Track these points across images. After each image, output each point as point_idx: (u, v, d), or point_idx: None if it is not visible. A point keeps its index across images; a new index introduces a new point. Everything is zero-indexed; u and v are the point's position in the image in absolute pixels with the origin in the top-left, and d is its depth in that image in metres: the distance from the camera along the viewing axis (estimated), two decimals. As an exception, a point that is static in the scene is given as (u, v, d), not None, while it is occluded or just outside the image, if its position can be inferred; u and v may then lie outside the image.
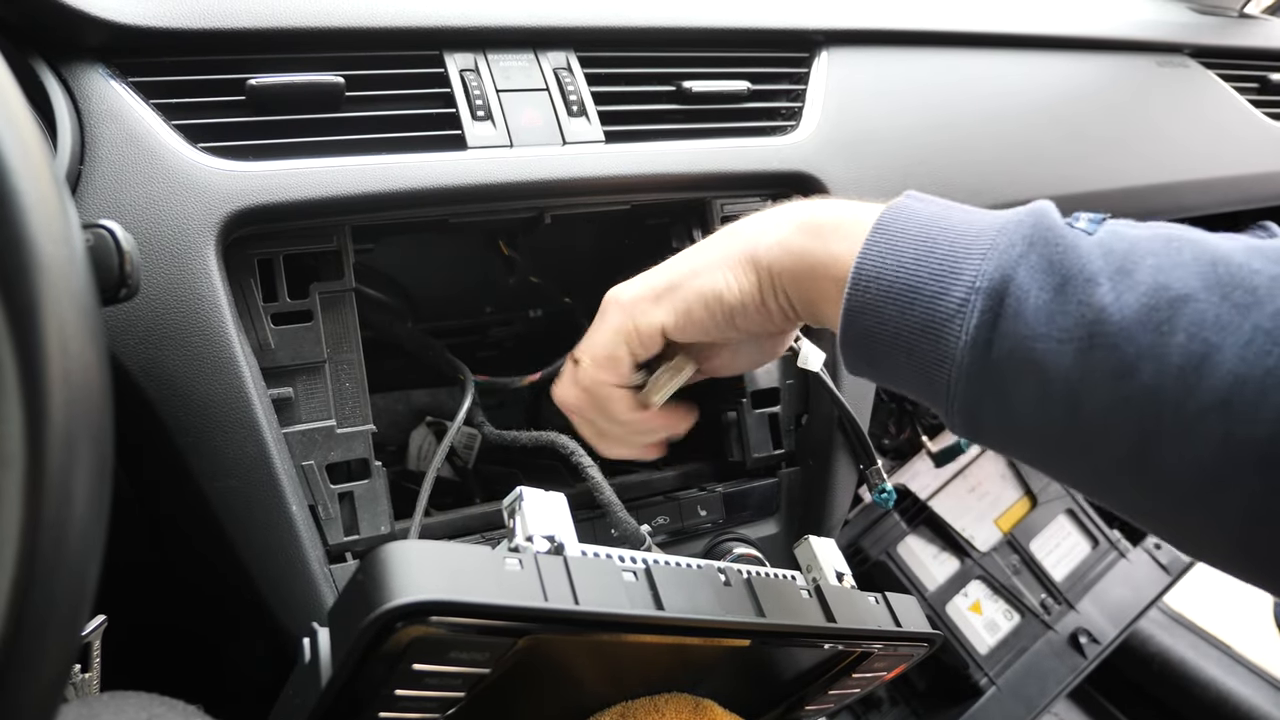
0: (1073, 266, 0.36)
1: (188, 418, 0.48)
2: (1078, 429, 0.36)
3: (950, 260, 0.39)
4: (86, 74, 0.49)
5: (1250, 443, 0.31)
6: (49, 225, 0.25)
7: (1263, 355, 0.31)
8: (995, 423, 0.39)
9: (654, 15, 0.64)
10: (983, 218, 0.40)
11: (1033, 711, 1.02)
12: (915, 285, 0.39)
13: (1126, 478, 0.36)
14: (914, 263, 0.40)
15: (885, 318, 0.40)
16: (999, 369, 0.37)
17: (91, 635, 0.46)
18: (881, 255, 0.41)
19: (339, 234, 0.54)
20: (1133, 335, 0.34)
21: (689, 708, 0.48)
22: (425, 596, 0.31)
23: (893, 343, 0.40)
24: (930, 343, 0.39)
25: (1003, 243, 0.38)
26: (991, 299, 0.37)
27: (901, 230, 0.41)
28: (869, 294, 0.41)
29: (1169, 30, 0.95)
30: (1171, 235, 0.36)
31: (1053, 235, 0.37)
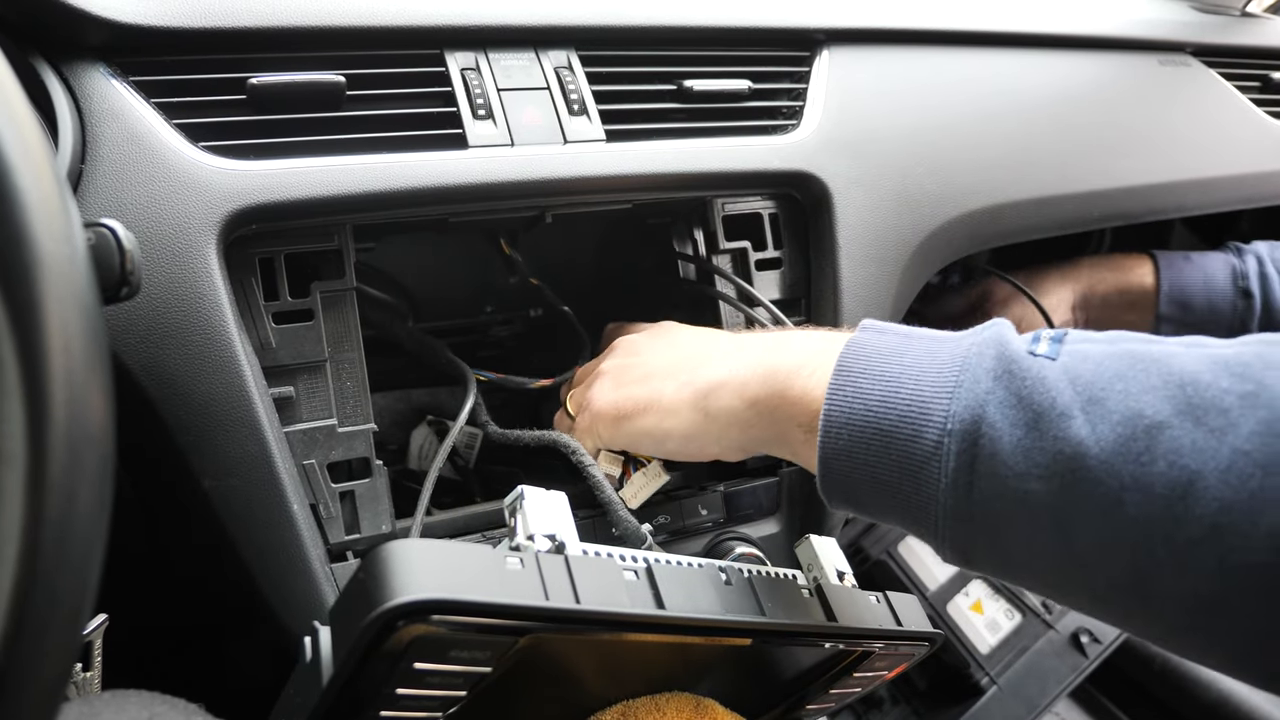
0: (1043, 401, 0.35)
1: (189, 416, 0.48)
2: (1072, 561, 0.36)
3: (918, 401, 0.39)
4: (88, 73, 0.49)
5: (1247, 567, 0.31)
6: (50, 224, 0.25)
7: (1245, 479, 0.31)
8: (990, 558, 0.39)
9: (655, 14, 0.64)
10: (942, 348, 0.40)
11: (1034, 711, 1.02)
12: (886, 429, 0.39)
13: (1126, 603, 0.36)
14: (881, 405, 0.40)
15: (862, 462, 0.40)
16: (985, 509, 0.37)
17: (93, 634, 0.46)
18: (848, 399, 0.41)
19: (340, 233, 0.54)
20: (1114, 468, 0.33)
21: (690, 707, 0.48)
22: (426, 595, 0.31)
23: (873, 485, 0.41)
24: (911, 485, 0.39)
25: (967, 380, 0.38)
26: (965, 441, 0.37)
27: (864, 371, 0.41)
28: (841, 440, 0.41)
29: (1170, 29, 0.95)
30: (1135, 355, 0.36)
31: (1017, 368, 0.37)
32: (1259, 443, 0.31)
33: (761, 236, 0.67)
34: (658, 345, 0.57)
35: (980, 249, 0.79)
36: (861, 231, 0.67)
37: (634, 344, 0.59)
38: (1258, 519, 0.31)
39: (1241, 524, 0.31)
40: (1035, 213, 0.78)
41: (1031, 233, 0.80)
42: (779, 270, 0.67)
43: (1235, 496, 0.31)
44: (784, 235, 0.68)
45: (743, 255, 0.66)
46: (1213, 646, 0.34)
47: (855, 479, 0.41)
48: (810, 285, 0.68)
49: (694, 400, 0.50)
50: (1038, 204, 0.78)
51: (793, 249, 0.68)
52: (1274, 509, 0.30)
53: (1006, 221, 0.76)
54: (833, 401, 0.41)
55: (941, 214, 0.71)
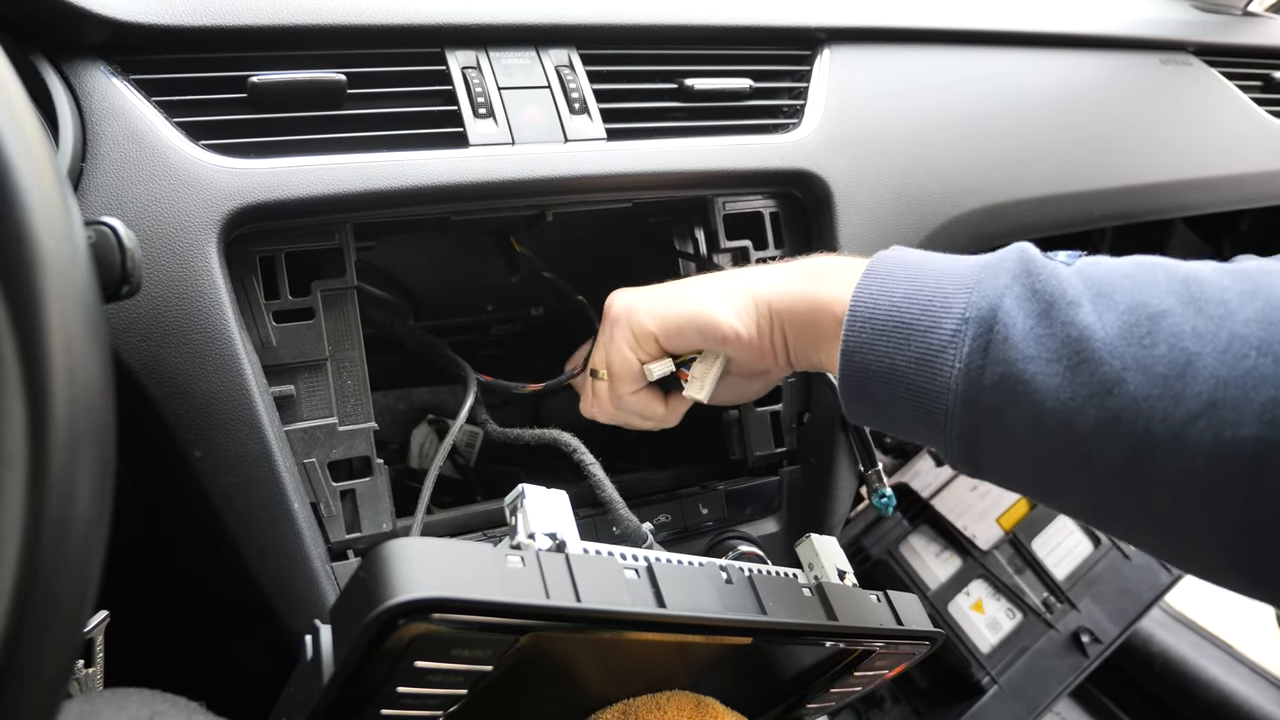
0: (1055, 292, 0.38)
1: (189, 415, 0.48)
2: (1072, 446, 0.37)
3: (940, 296, 0.41)
4: (88, 71, 0.49)
5: (1238, 443, 0.32)
6: (51, 222, 0.25)
7: (1240, 358, 0.33)
8: (992, 452, 0.40)
9: (656, 13, 0.64)
10: (967, 259, 0.43)
11: (1034, 710, 1.02)
12: (908, 321, 0.41)
13: (1122, 492, 0.37)
14: (905, 300, 0.42)
15: (881, 354, 0.42)
16: (993, 393, 0.39)
17: (94, 631, 0.46)
18: (874, 295, 0.43)
19: (341, 231, 0.54)
20: (1117, 350, 0.35)
21: (691, 705, 0.48)
22: (427, 594, 0.31)
23: (890, 378, 0.42)
24: (926, 375, 0.41)
25: (988, 277, 0.40)
26: (981, 327, 0.39)
27: (890, 273, 0.44)
28: (864, 333, 0.43)
29: (1172, 28, 0.95)
30: (1144, 261, 0.39)
31: (1034, 266, 0.39)
32: (1255, 328, 0.33)
33: (762, 235, 0.67)
34: (672, 282, 0.55)
35: (981, 248, 0.78)
36: (862, 230, 0.67)
37: (644, 288, 0.56)
38: (1251, 394, 0.32)
39: (1236, 398, 0.33)
40: (1036, 212, 0.78)
41: (1032, 232, 0.80)
42: (780, 269, 0.67)
43: (1230, 374, 0.33)
44: (785, 234, 0.68)
45: (744, 254, 0.66)
46: (1204, 541, 0.35)
47: (874, 371, 0.43)
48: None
49: (744, 290, 0.50)
50: (1039, 203, 0.78)
51: (794, 248, 0.68)
52: (1266, 385, 0.32)
53: (1007, 220, 0.76)
54: (859, 297, 0.43)
55: (942, 213, 0.71)
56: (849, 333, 0.43)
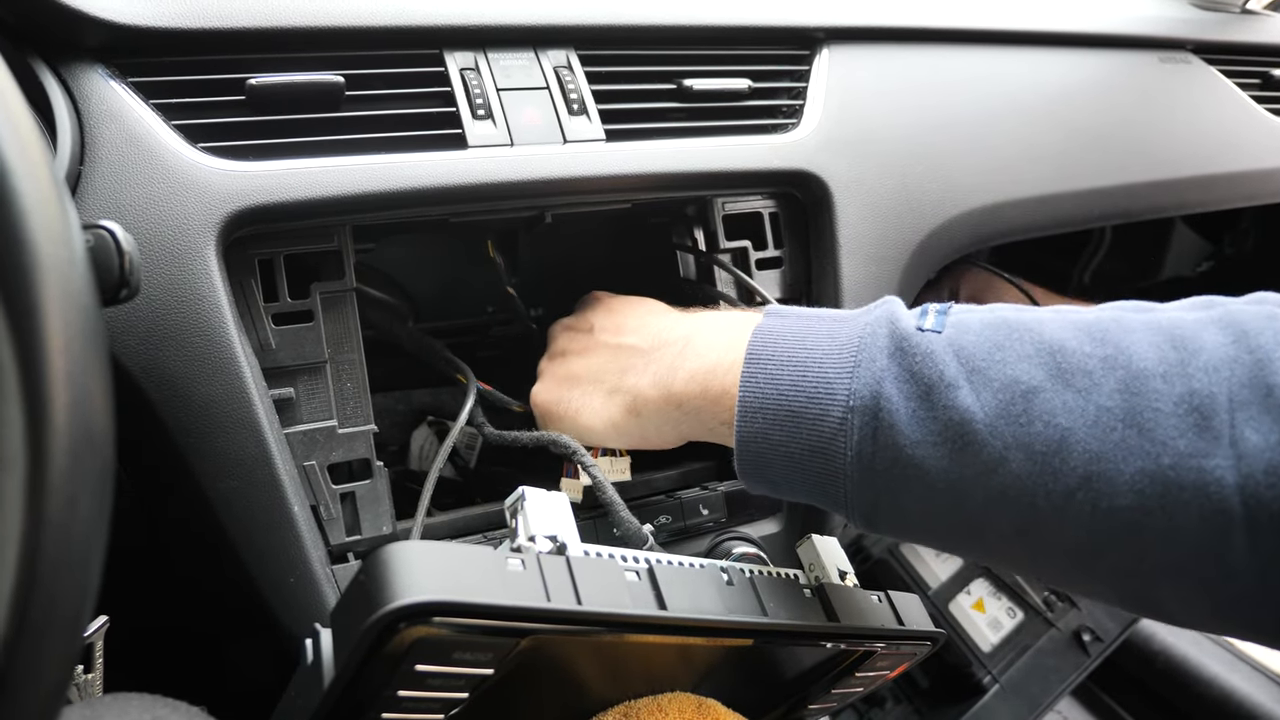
0: (932, 375, 0.39)
1: (189, 418, 0.48)
2: (963, 521, 0.39)
3: (823, 383, 0.42)
4: (86, 74, 0.49)
5: (1114, 513, 0.35)
6: (49, 226, 0.25)
7: (1109, 431, 0.35)
8: (891, 521, 0.42)
9: (654, 13, 0.64)
10: (840, 329, 0.44)
11: (1036, 709, 1.02)
12: (796, 410, 0.43)
13: (1014, 557, 0.40)
14: (791, 388, 0.43)
15: (775, 442, 0.44)
16: (885, 477, 0.40)
17: (94, 636, 0.46)
18: (760, 386, 0.44)
19: (339, 233, 0.53)
20: (997, 430, 0.37)
21: (692, 707, 0.47)
22: (428, 597, 0.31)
23: (786, 464, 0.44)
24: (820, 462, 0.42)
25: (864, 359, 0.41)
26: (866, 416, 0.40)
27: (771, 357, 0.45)
28: (756, 424, 0.44)
29: (1171, 26, 0.95)
30: (1010, 324, 0.40)
31: (908, 345, 0.40)
32: (1119, 399, 0.35)
33: (762, 236, 0.67)
34: (595, 339, 0.58)
35: (981, 247, 0.78)
36: (862, 230, 0.67)
37: (576, 332, 0.61)
38: (1122, 466, 0.34)
39: (1108, 471, 0.35)
40: (1036, 211, 0.78)
41: (1032, 231, 0.80)
42: (779, 269, 0.67)
43: (1101, 447, 0.35)
44: (784, 234, 0.68)
45: (743, 254, 0.66)
46: (1096, 588, 0.38)
47: (769, 459, 0.44)
48: (811, 284, 0.68)
49: (624, 407, 0.54)
50: (1038, 202, 0.78)
51: (793, 248, 0.68)
52: (1134, 456, 0.34)
53: (1007, 219, 0.76)
54: (746, 389, 0.45)
55: (942, 212, 0.71)
56: (741, 424, 0.45)
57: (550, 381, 0.60)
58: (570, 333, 0.62)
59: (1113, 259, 1.10)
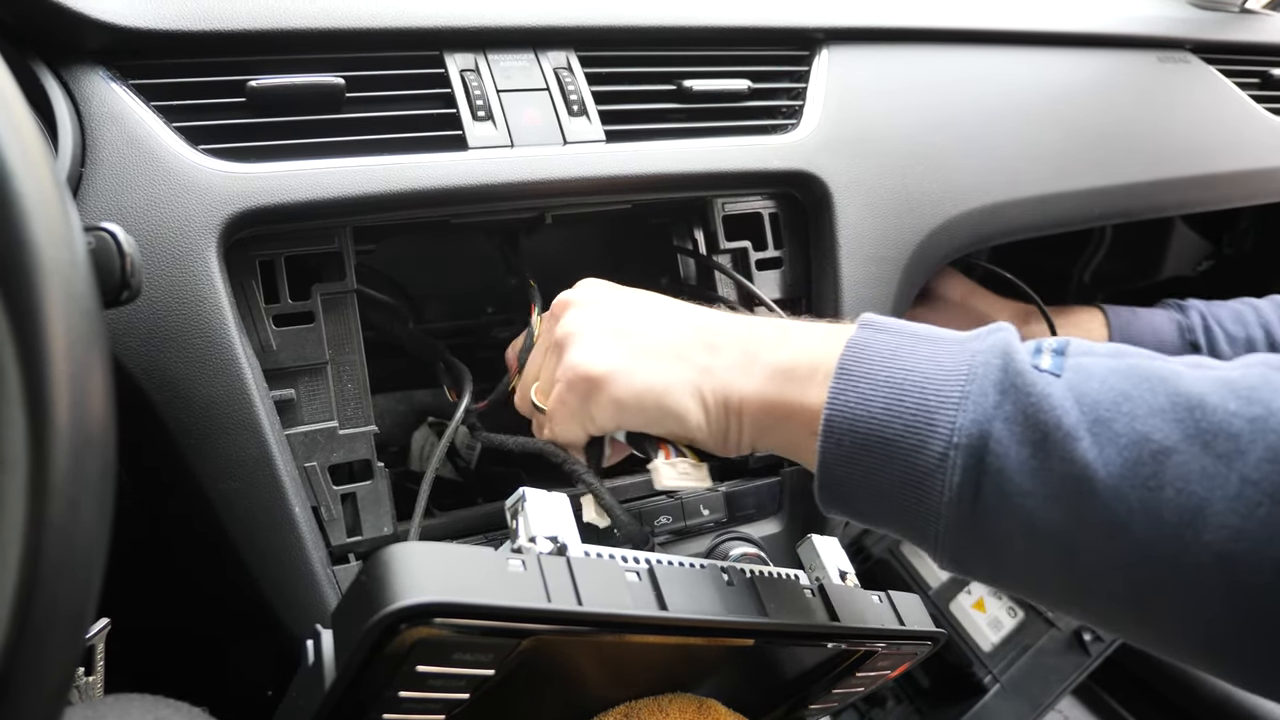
0: (1049, 421, 0.35)
1: (190, 420, 0.48)
2: (1074, 578, 0.36)
3: (923, 411, 0.38)
4: (87, 76, 0.49)
5: (1254, 595, 0.31)
6: (51, 228, 0.25)
7: (1254, 507, 0.31)
8: (983, 568, 0.39)
9: (654, 14, 0.64)
10: (945, 353, 0.39)
11: (1037, 709, 1.02)
12: (890, 438, 0.38)
13: (1127, 620, 0.36)
14: (885, 412, 0.39)
15: (862, 468, 0.39)
16: (987, 524, 0.36)
17: (95, 638, 0.46)
18: (850, 405, 0.39)
19: (340, 235, 0.54)
20: (1122, 493, 0.33)
21: (693, 707, 0.47)
22: (429, 598, 0.31)
23: (872, 493, 0.40)
24: (913, 498, 0.38)
25: (974, 391, 0.37)
26: (971, 456, 0.36)
27: (865, 374, 0.40)
28: (843, 446, 0.40)
29: (1170, 26, 0.95)
30: (1141, 373, 0.35)
31: (1023, 383, 0.36)
32: (1268, 470, 0.31)
33: (762, 236, 0.67)
34: (650, 311, 0.49)
35: (981, 247, 0.78)
36: (862, 230, 0.67)
37: (614, 298, 0.50)
38: (1265, 548, 0.30)
39: (1249, 553, 0.31)
40: (1036, 211, 0.78)
41: (1032, 231, 0.80)
42: (779, 270, 0.67)
43: (1243, 524, 0.31)
44: (784, 235, 0.68)
45: (743, 255, 0.66)
46: (1218, 666, 0.34)
47: (853, 485, 0.40)
48: (811, 284, 0.68)
49: (715, 392, 0.45)
50: (1038, 202, 0.78)
51: (793, 248, 0.68)
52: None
53: (1007, 220, 0.76)
54: (834, 407, 0.40)
55: (942, 212, 0.71)
56: (825, 445, 0.40)
57: (602, 342, 0.47)
58: (619, 291, 0.51)
59: (1112, 258, 1.10)
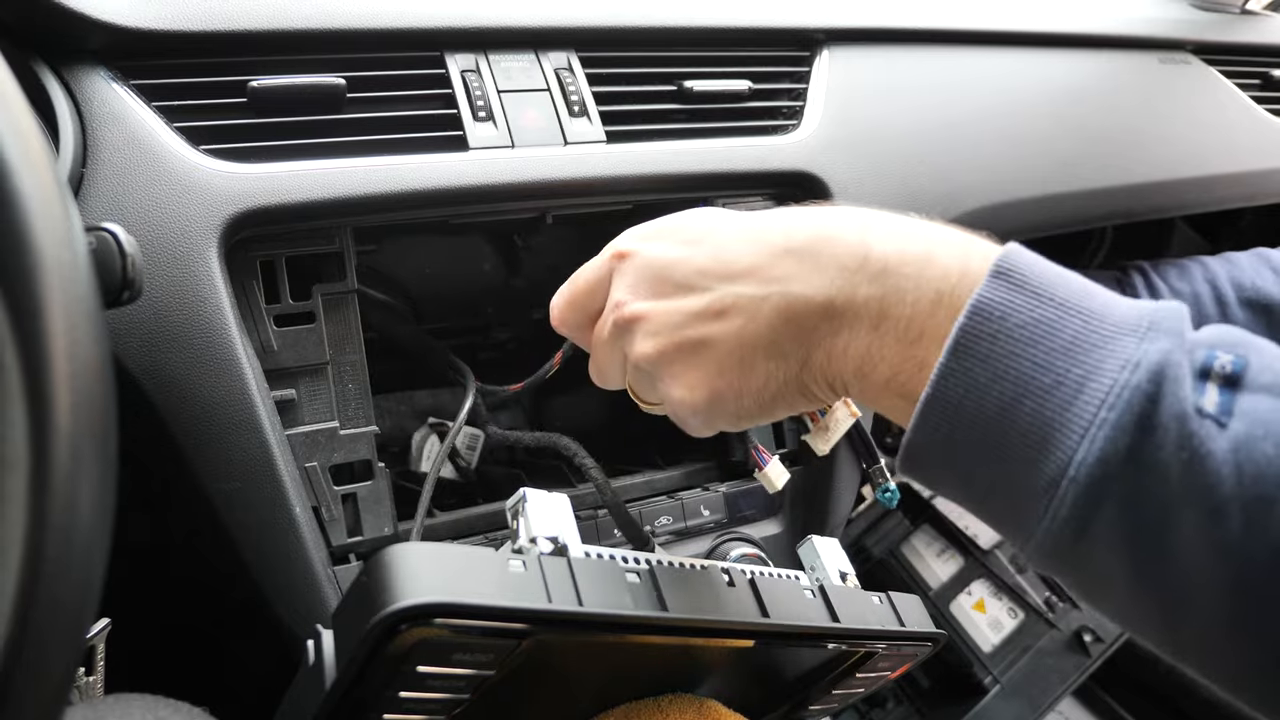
0: (1196, 486, 0.28)
1: (191, 420, 0.48)
2: (1173, 639, 0.31)
3: (1043, 424, 0.31)
4: (88, 77, 0.49)
5: None
6: (52, 228, 0.25)
7: None
8: (1077, 592, 0.33)
9: (655, 15, 0.64)
10: (1093, 352, 0.31)
11: (1037, 709, 1.02)
12: (995, 442, 0.32)
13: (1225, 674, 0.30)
14: (998, 412, 0.32)
15: (955, 459, 0.34)
16: (1089, 562, 0.31)
17: (96, 638, 0.46)
18: (958, 392, 0.32)
19: (341, 235, 0.54)
20: (1266, 594, 0.27)
21: (693, 708, 0.47)
22: (429, 599, 0.31)
23: (964, 485, 0.34)
24: (1007, 506, 0.33)
25: (1112, 419, 0.29)
26: (1089, 497, 0.30)
27: (986, 357, 0.32)
28: (939, 431, 0.33)
29: (1171, 27, 0.95)
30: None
31: (1175, 430, 0.29)
32: None
33: (762, 237, 0.67)
34: (726, 279, 0.38)
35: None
36: (862, 231, 0.66)
37: (671, 258, 0.42)
38: None
39: None
40: (1036, 211, 0.78)
41: (1033, 231, 0.80)
42: (780, 270, 0.67)
43: None
44: (785, 235, 0.68)
45: (744, 255, 0.66)
46: None
47: (939, 470, 0.35)
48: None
49: (818, 380, 0.37)
50: (1039, 202, 0.78)
51: (794, 249, 0.68)
52: None
53: (1007, 220, 0.76)
54: (940, 385, 0.33)
55: (943, 213, 0.71)
56: (920, 425, 0.33)
57: (680, 366, 0.38)
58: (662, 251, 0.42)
59: (1113, 259, 1.10)
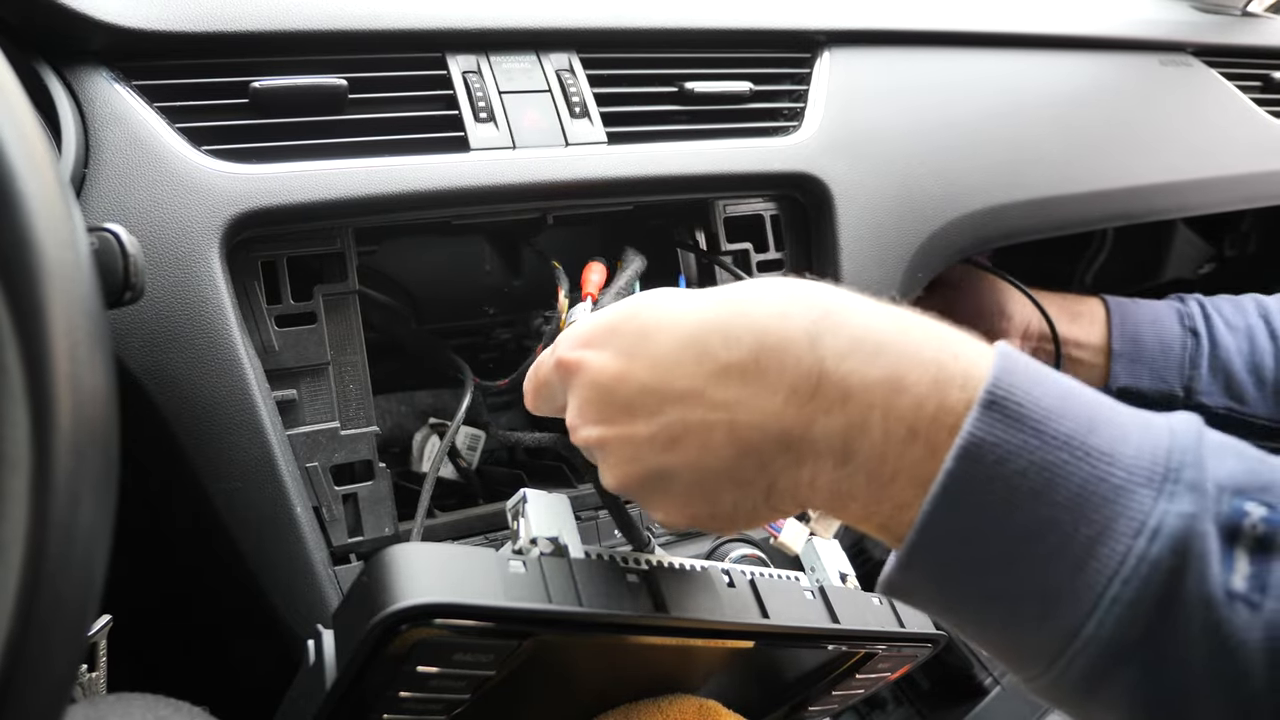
0: (1224, 676, 0.25)
1: (192, 420, 0.48)
2: None
3: (1042, 597, 0.27)
4: (90, 77, 0.49)
5: None
6: (54, 228, 0.25)
7: None
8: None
9: (656, 16, 0.64)
10: (1103, 507, 0.27)
11: (1037, 711, 1.02)
12: (988, 609, 0.29)
13: None
14: (988, 582, 0.29)
15: (947, 605, 0.31)
16: (1093, 714, 0.29)
17: (97, 636, 0.46)
18: (940, 552, 0.29)
19: (342, 236, 0.54)
20: None
21: (693, 709, 0.48)
22: (429, 599, 0.31)
23: (959, 625, 0.31)
24: (1004, 662, 0.31)
25: (1126, 596, 0.26)
26: (1097, 672, 0.27)
27: (975, 509, 0.28)
28: (916, 588, 0.31)
29: (1172, 29, 0.95)
30: None
31: (1201, 615, 0.25)
32: None
33: (763, 238, 0.67)
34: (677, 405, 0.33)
35: (982, 249, 0.78)
36: (863, 233, 0.67)
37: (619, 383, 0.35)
38: None
39: None
40: (1037, 213, 0.78)
41: (1034, 233, 0.80)
42: (781, 272, 0.67)
43: None
44: (786, 237, 0.68)
45: (744, 257, 0.66)
46: None
47: (926, 606, 0.32)
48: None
49: (786, 501, 0.34)
50: (1040, 204, 0.78)
51: (794, 250, 0.68)
52: None
53: (1009, 222, 0.76)
54: (925, 537, 0.29)
55: (943, 215, 0.71)
56: (896, 576, 0.30)
57: (646, 490, 0.36)
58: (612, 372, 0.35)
59: (1114, 261, 1.10)
